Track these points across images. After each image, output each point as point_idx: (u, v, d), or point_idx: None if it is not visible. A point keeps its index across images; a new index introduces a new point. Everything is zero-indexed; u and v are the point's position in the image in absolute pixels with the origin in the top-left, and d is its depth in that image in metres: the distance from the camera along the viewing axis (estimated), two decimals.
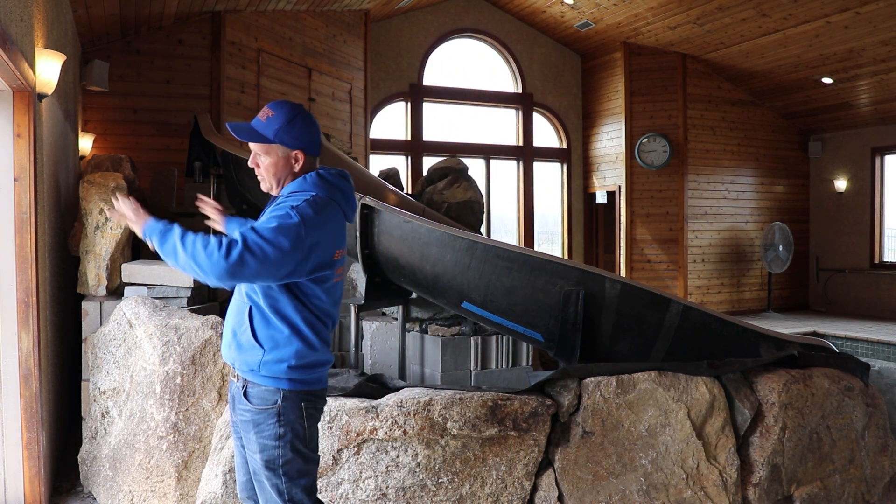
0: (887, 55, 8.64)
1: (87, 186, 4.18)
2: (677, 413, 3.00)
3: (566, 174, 11.60)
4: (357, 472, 2.82)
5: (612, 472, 2.93)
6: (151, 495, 3.41)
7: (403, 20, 10.39)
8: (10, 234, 3.29)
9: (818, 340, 3.75)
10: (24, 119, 3.28)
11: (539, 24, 11.08)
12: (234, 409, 2.31)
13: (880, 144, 10.62)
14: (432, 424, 2.78)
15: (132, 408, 3.56)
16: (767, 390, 3.17)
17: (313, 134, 2.30)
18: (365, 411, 2.83)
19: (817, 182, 11.51)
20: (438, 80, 10.72)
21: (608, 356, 3.38)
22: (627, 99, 10.70)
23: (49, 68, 3.59)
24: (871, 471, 3.37)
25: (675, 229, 10.59)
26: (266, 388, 2.19)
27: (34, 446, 3.38)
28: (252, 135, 2.26)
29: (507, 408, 2.84)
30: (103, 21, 6.38)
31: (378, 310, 4.84)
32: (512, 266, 3.41)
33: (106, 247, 4.08)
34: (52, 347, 3.94)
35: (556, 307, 3.33)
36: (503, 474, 2.84)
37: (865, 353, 8.33)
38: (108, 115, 7.09)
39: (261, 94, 7.89)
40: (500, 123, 11.29)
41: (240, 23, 7.61)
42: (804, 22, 8.51)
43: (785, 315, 10.60)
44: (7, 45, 2.61)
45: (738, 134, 11.00)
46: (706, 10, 8.97)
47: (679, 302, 3.35)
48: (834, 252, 11.20)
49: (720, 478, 3.02)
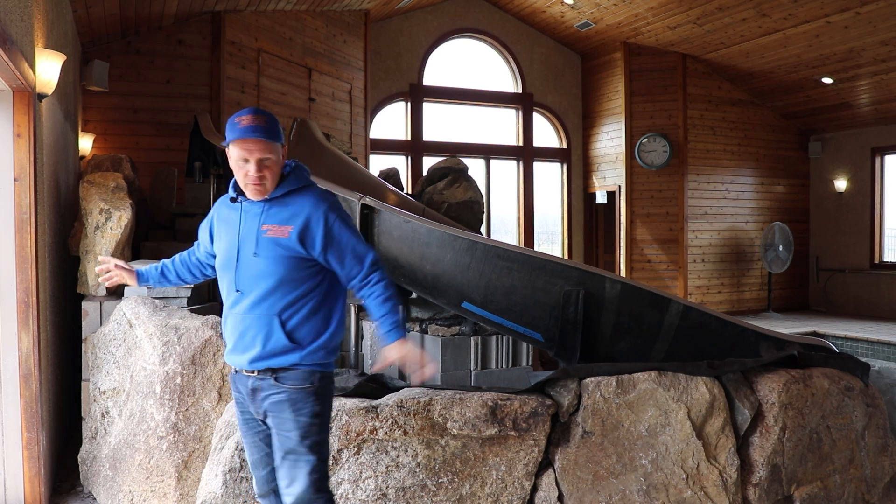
0: (887, 55, 8.64)
1: (87, 186, 4.18)
2: (677, 413, 3.00)
3: (566, 174, 11.60)
4: (357, 472, 2.82)
5: (612, 472, 2.93)
6: (151, 495, 3.41)
7: (403, 20, 10.39)
8: (10, 234, 3.29)
9: (818, 340, 3.76)
10: (24, 119, 3.28)
11: (539, 24, 11.08)
12: (253, 399, 2.34)
13: (880, 144, 10.62)
14: (432, 424, 2.78)
15: (132, 408, 3.56)
16: (767, 390, 3.17)
17: None
18: (365, 411, 2.83)
19: (817, 182, 11.51)
20: (438, 80, 10.72)
21: (608, 356, 3.38)
22: (627, 99, 10.70)
23: (49, 68, 3.59)
24: (871, 471, 3.37)
25: (675, 229, 10.59)
26: (303, 370, 2.30)
27: (34, 446, 3.38)
28: (274, 134, 2.28)
29: (507, 408, 2.84)
30: (103, 21, 6.38)
31: None
32: (512, 266, 3.41)
33: (106, 247, 4.08)
34: (52, 347, 3.94)
35: (556, 307, 3.33)
36: (503, 474, 2.84)
37: (865, 353, 8.32)
38: (108, 115, 7.09)
39: (261, 94, 7.90)
40: (500, 123, 11.29)
41: (240, 23, 7.61)
42: (804, 22, 8.51)
43: (785, 315, 10.60)
44: (7, 45, 2.61)
45: (738, 134, 11.00)
46: (706, 10, 8.97)
47: (679, 302, 3.35)
48: (834, 252, 11.20)
49: (720, 478, 3.02)
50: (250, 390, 2.34)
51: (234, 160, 2.29)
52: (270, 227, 2.29)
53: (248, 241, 2.31)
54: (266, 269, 2.29)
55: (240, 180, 2.31)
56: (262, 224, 2.30)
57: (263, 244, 2.29)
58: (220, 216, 2.43)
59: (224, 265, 2.36)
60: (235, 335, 2.34)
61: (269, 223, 2.30)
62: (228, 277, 2.35)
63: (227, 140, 2.29)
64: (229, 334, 2.38)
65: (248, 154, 2.25)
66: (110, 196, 4.17)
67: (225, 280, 2.37)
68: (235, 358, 2.36)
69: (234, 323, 2.35)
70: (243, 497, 2.77)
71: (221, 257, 2.38)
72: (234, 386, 2.43)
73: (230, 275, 2.34)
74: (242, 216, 2.35)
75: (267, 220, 2.30)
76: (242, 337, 2.32)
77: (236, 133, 2.26)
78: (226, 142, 2.30)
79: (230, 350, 2.38)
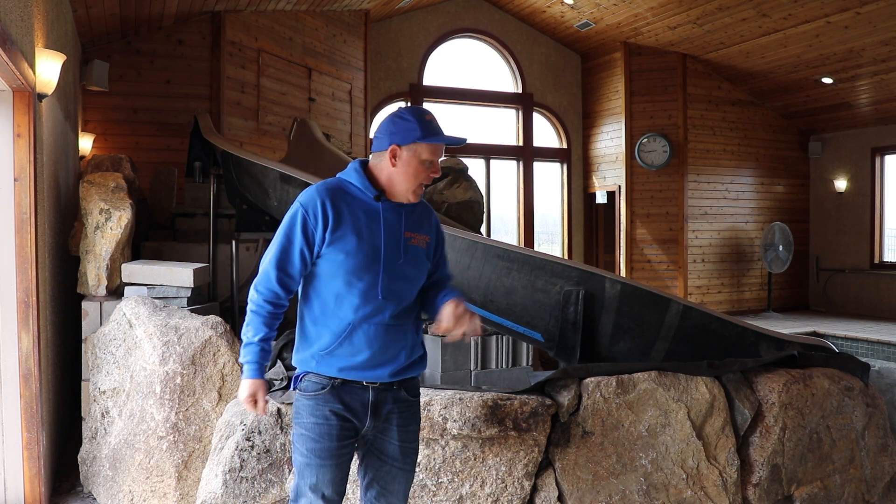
0: (887, 55, 8.64)
1: (87, 186, 4.18)
2: (677, 413, 3.00)
3: (566, 174, 11.61)
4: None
5: (612, 472, 2.93)
6: (151, 495, 3.41)
7: (403, 20, 10.39)
8: (10, 234, 3.29)
9: (818, 340, 3.75)
10: (24, 119, 3.28)
11: (539, 24, 11.08)
12: (374, 413, 2.18)
13: (880, 144, 10.62)
14: (432, 424, 2.78)
15: (132, 408, 3.56)
16: (767, 390, 3.17)
17: None
18: None
19: (817, 182, 11.51)
20: (438, 80, 10.72)
21: (608, 356, 3.38)
22: (627, 99, 10.70)
23: (49, 68, 3.59)
24: (871, 471, 3.37)
25: (675, 229, 10.60)
26: (419, 378, 2.33)
27: (34, 446, 3.39)
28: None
29: (507, 408, 2.84)
30: (103, 21, 6.38)
31: None
32: (512, 266, 3.41)
33: (106, 247, 4.08)
34: (52, 347, 3.94)
35: (556, 307, 3.33)
36: (503, 474, 2.84)
37: (865, 353, 8.32)
38: (108, 115, 7.09)
39: (261, 94, 7.90)
40: (500, 123, 11.29)
41: (240, 23, 7.61)
42: (804, 22, 8.51)
43: (785, 315, 10.60)
44: (7, 45, 2.61)
45: (738, 134, 11.00)
46: (706, 10, 8.97)
47: (679, 302, 3.35)
48: (834, 252, 11.20)
49: (720, 478, 3.02)
50: (371, 404, 2.18)
51: (418, 160, 2.15)
52: (413, 235, 2.22)
53: (394, 246, 2.18)
54: (413, 277, 2.23)
55: (409, 182, 2.16)
56: (406, 231, 2.21)
57: (411, 252, 2.21)
58: (344, 212, 2.15)
59: (363, 268, 2.14)
60: (375, 347, 2.17)
61: (410, 230, 2.22)
62: (368, 282, 2.14)
63: (413, 136, 2.13)
64: (362, 346, 2.16)
65: (437, 155, 2.17)
66: (110, 196, 4.17)
67: (360, 285, 2.14)
68: (369, 372, 2.17)
69: (373, 334, 2.17)
70: (243, 497, 2.77)
71: (358, 259, 2.13)
72: (334, 403, 2.16)
73: (371, 280, 2.15)
74: (384, 218, 2.18)
75: (408, 227, 2.22)
76: (385, 349, 2.18)
77: (432, 132, 2.15)
78: (411, 138, 2.13)
79: (361, 364, 2.16)
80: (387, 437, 2.22)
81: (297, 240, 2.13)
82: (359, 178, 2.20)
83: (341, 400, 2.16)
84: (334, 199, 2.14)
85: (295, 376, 2.24)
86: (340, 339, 2.15)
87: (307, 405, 2.18)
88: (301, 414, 2.19)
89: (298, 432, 2.19)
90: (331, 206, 2.13)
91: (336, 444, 2.15)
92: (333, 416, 2.15)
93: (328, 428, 2.15)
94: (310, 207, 2.13)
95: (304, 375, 2.20)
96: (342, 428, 2.16)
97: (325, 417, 2.15)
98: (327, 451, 2.14)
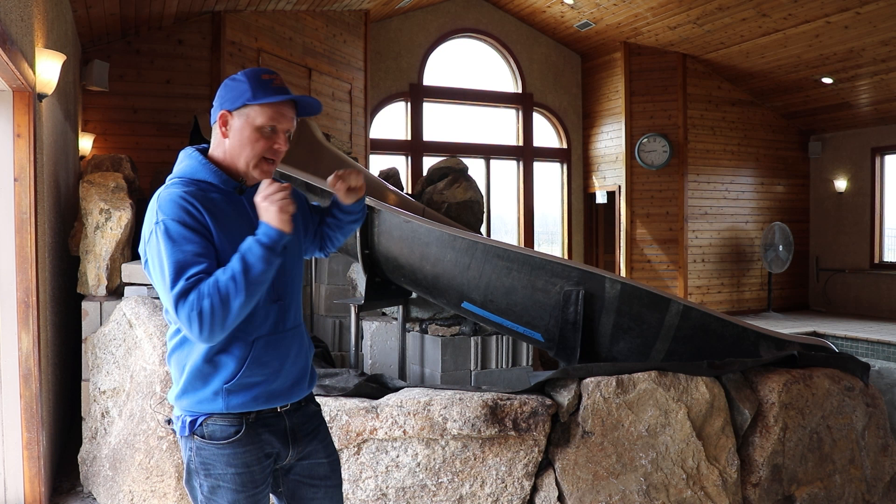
0: (887, 55, 8.64)
1: (87, 186, 4.18)
2: (677, 413, 3.00)
3: (566, 174, 11.61)
4: (357, 472, 2.82)
5: (612, 472, 2.93)
6: (151, 495, 3.41)
7: (403, 20, 10.39)
8: (10, 234, 3.29)
9: (818, 340, 3.75)
10: (24, 119, 3.28)
11: (539, 24, 11.08)
12: (292, 439, 1.88)
13: (880, 144, 10.62)
14: (432, 424, 2.78)
15: (132, 408, 3.56)
16: (767, 390, 3.17)
17: None
18: (365, 411, 2.83)
19: (817, 182, 11.51)
20: (438, 80, 10.72)
21: (608, 356, 3.38)
22: (627, 99, 10.70)
23: (49, 68, 3.59)
24: (871, 471, 3.37)
25: (675, 229, 10.60)
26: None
27: (34, 446, 3.38)
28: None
29: (507, 408, 2.84)
30: (103, 21, 6.38)
31: (378, 310, 4.84)
32: (512, 266, 3.41)
33: (106, 247, 4.08)
34: (52, 347, 3.94)
35: (556, 307, 3.33)
36: (503, 474, 2.84)
37: (865, 353, 8.32)
38: (108, 115, 7.09)
39: None
40: (500, 123, 11.29)
41: (240, 23, 7.61)
42: (804, 22, 8.51)
43: (785, 315, 10.60)
44: (7, 45, 2.61)
45: (738, 134, 11.01)
46: (706, 10, 8.97)
47: (679, 302, 3.35)
48: (834, 252, 11.20)
49: (720, 478, 3.02)
50: (289, 431, 1.87)
51: (252, 126, 1.77)
52: None
53: None
54: (296, 270, 1.90)
55: (252, 155, 1.78)
56: None
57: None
58: (209, 211, 1.74)
59: None
60: (285, 362, 1.84)
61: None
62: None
63: (244, 99, 1.76)
64: (273, 364, 1.81)
65: (280, 121, 1.78)
66: (110, 196, 4.17)
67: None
68: (282, 394, 1.84)
69: (280, 346, 1.83)
70: None
71: None
72: (252, 446, 1.80)
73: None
74: (250, 207, 1.80)
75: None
76: (294, 362, 1.86)
77: (268, 92, 1.76)
78: (240, 100, 1.76)
79: (274, 387, 1.82)
80: (315, 459, 1.93)
81: (191, 239, 1.68)
82: (210, 172, 1.79)
83: (259, 438, 1.81)
84: (195, 203, 1.72)
85: (189, 421, 1.80)
86: (248, 362, 1.77)
87: (220, 455, 1.78)
88: (213, 465, 1.79)
89: (212, 484, 1.79)
90: (207, 214, 1.73)
91: (261, 488, 1.85)
92: (255, 462, 1.81)
93: (250, 475, 1.80)
94: (180, 216, 1.70)
95: (206, 419, 1.78)
96: (264, 468, 1.84)
97: (247, 465, 1.79)
98: (253, 499, 1.82)
